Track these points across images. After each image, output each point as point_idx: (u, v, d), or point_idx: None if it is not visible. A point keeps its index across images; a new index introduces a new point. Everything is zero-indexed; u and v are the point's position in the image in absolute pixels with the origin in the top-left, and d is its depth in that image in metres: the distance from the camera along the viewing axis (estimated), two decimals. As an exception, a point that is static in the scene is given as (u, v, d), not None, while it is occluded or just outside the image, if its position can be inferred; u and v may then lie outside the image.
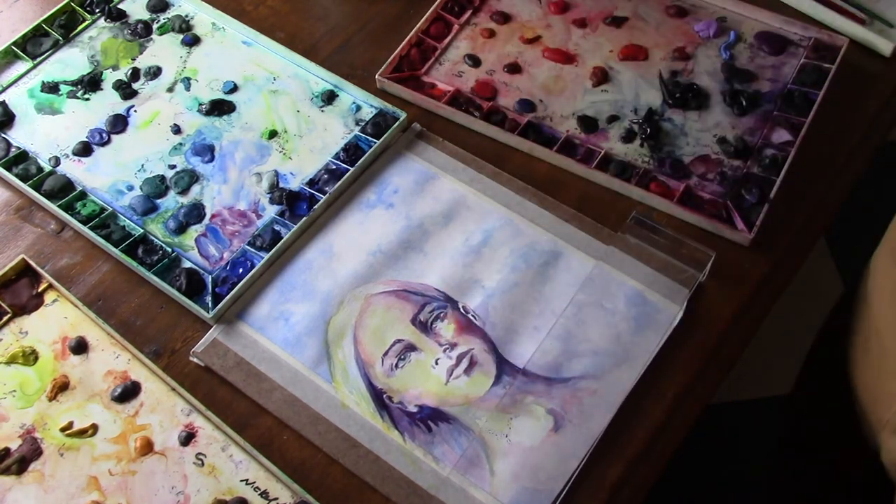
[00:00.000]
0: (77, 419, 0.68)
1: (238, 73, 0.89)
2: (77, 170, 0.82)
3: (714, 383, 0.71)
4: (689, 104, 0.85)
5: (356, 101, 0.86)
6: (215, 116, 0.86)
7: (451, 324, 0.72)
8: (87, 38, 0.92)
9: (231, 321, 0.73)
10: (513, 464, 0.66)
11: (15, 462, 0.66)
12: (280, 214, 0.79)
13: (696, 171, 0.81)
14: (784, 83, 0.86)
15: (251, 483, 0.65)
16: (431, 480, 0.65)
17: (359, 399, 0.69)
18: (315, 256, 0.77)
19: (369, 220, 0.79)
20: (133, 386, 0.70)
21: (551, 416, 0.68)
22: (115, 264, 0.77)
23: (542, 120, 0.85)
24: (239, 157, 0.83)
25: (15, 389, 0.70)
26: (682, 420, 0.69)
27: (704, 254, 0.73)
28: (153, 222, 0.79)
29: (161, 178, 0.82)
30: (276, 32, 0.92)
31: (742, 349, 0.73)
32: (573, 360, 0.70)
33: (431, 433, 0.67)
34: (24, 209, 0.80)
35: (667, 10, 0.93)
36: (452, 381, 0.70)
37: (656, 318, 0.72)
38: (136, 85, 0.88)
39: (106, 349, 0.72)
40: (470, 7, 0.93)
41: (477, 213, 0.79)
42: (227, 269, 0.76)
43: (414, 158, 0.82)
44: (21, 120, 0.86)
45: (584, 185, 0.81)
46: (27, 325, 0.73)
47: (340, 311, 0.73)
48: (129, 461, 0.66)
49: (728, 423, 1.34)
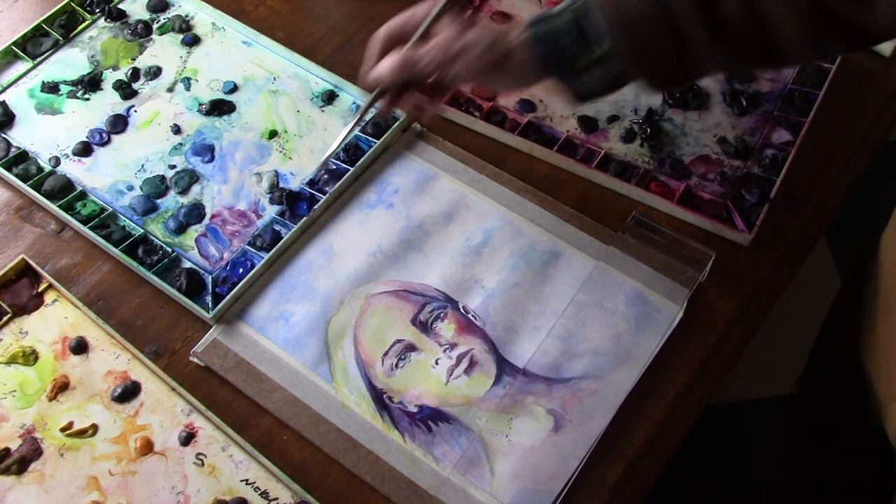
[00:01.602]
0: (77, 419, 0.68)
1: (238, 73, 0.89)
2: (77, 170, 0.82)
3: (714, 383, 0.71)
4: (690, 104, 0.85)
5: (356, 101, 0.86)
6: (215, 116, 0.86)
7: (451, 324, 0.72)
8: (87, 38, 0.92)
9: (231, 321, 0.73)
10: (513, 464, 0.66)
11: (15, 462, 0.66)
12: (280, 214, 0.79)
13: (697, 171, 0.81)
14: (784, 83, 0.86)
15: (251, 483, 0.65)
16: (431, 480, 0.65)
17: (359, 399, 0.69)
18: (315, 256, 0.77)
19: (369, 220, 0.79)
20: (133, 386, 0.70)
21: (551, 417, 0.68)
22: (115, 264, 0.77)
23: (543, 120, 0.85)
24: (239, 157, 0.83)
25: (15, 389, 0.70)
26: (682, 420, 0.69)
27: (704, 254, 0.73)
28: (153, 222, 0.79)
29: (161, 178, 0.82)
30: (276, 32, 0.92)
31: (742, 349, 0.73)
32: (573, 360, 0.70)
33: (431, 433, 0.67)
34: (24, 209, 0.80)
35: (667, 9, 0.93)
36: (452, 381, 0.70)
37: (656, 318, 0.72)
38: (136, 85, 0.88)
39: (106, 349, 0.72)
40: (470, 7, 0.93)
41: (477, 213, 0.79)
42: (227, 269, 0.76)
43: (414, 158, 0.82)
44: (21, 120, 0.86)
45: (584, 185, 0.81)
46: (27, 325, 0.73)
47: (340, 312, 0.73)
48: (129, 461, 0.66)
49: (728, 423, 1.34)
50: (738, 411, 1.39)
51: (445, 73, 0.64)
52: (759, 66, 0.78)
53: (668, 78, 0.62)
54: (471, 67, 0.63)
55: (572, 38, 0.61)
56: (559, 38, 0.61)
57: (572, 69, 0.62)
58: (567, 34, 0.61)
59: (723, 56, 0.59)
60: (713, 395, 0.71)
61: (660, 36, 0.58)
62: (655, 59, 0.60)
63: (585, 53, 0.61)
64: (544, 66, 0.63)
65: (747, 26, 0.57)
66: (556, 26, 0.61)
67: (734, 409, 1.38)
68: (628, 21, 0.58)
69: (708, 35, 0.57)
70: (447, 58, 0.63)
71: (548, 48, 0.62)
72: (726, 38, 0.57)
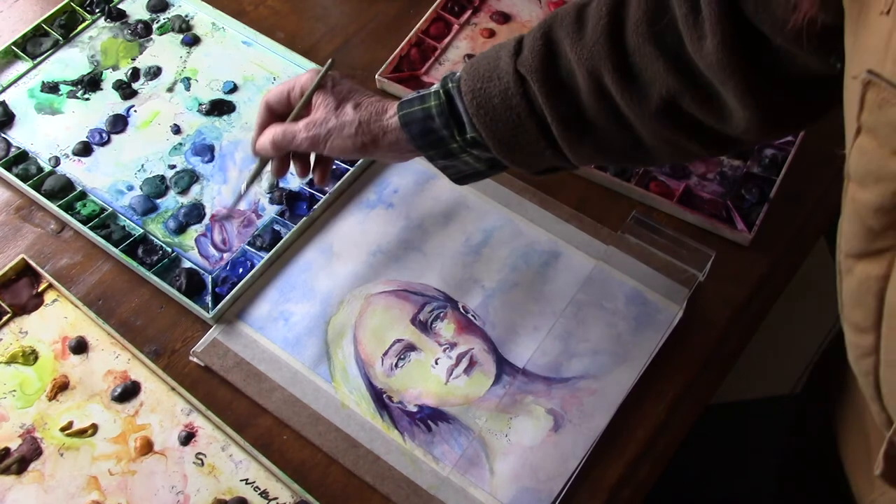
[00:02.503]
0: (77, 419, 0.68)
1: (238, 73, 0.89)
2: (77, 170, 0.82)
3: (714, 383, 0.71)
4: (689, 104, 0.85)
5: (356, 101, 0.86)
6: (215, 116, 0.86)
7: (450, 324, 0.72)
8: (87, 38, 0.92)
9: (231, 321, 0.73)
10: (512, 463, 0.66)
11: (15, 462, 0.66)
12: (280, 214, 0.79)
13: (696, 170, 0.81)
14: (784, 83, 0.86)
15: (251, 483, 0.65)
16: (431, 480, 0.65)
17: (359, 399, 0.69)
18: (315, 256, 0.77)
19: (369, 220, 0.79)
20: (133, 386, 0.70)
21: (551, 416, 0.68)
22: (115, 264, 0.77)
23: (542, 120, 0.84)
24: (239, 157, 0.83)
25: (15, 389, 0.70)
26: (682, 420, 0.69)
27: (704, 254, 0.73)
28: (153, 222, 0.79)
29: (161, 178, 0.82)
30: (276, 32, 0.92)
31: (742, 349, 0.73)
32: (573, 359, 0.70)
33: (431, 433, 0.67)
34: (24, 209, 0.80)
35: (667, 10, 0.93)
36: (452, 380, 0.70)
37: (656, 318, 0.72)
38: (136, 85, 0.88)
39: (106, 349, 0.72)
40: (470, 7, 0.93)
41: (477, 213, 0.79)
42: (227, 269, 0.76)
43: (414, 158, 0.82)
44: (21, 120, 0.86)
45: (584, 185, 0.81)
46: (27, 325, 0.73)
47: (340, 311, 0.73)
48: (129, 461, 0.66)
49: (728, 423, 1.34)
50: (738, 411, 1.38)
51: (319, 150, 0.67)
52: (633, 163, 0.77)
53: (544, 167, 0.64)
54: (341, 147, 0.66)
55: (443, 121, 0.62)
56: (428, 119, 0.63)
57: (447, 150, 0.64)
58: (438, 116, 0.62)
59: (586, 151, 0.60)
60: (713, 395, 0.71)
61: (521, 129, 0.60)
62: (522, 150, 0.61)
63: (456, 136, 0.63)
64: (419, 147, 0.65)
65: (605, 122, 0.58)
66: (426, 106, 0.63)
67: (734, 409, 1.38)
68: (489, 112, 0.60)
69: (566, 129, 0.58)
70: (318, 138, 0.66)
71: (420, 128, 0.63)
72: (588, 132, 0.59)
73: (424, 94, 0.64)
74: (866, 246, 0.47)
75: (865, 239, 0.47)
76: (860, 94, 0.44)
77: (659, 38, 0.54)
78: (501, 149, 0.61)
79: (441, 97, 0.63)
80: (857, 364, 0.52)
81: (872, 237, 0.46)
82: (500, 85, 0.59)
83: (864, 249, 0.47)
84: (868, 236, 0.47)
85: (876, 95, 0.43)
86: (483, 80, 0.60)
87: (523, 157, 0.62)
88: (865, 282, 0.48)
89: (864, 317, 0.49)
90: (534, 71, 0.57)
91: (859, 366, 0.51)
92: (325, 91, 0.67)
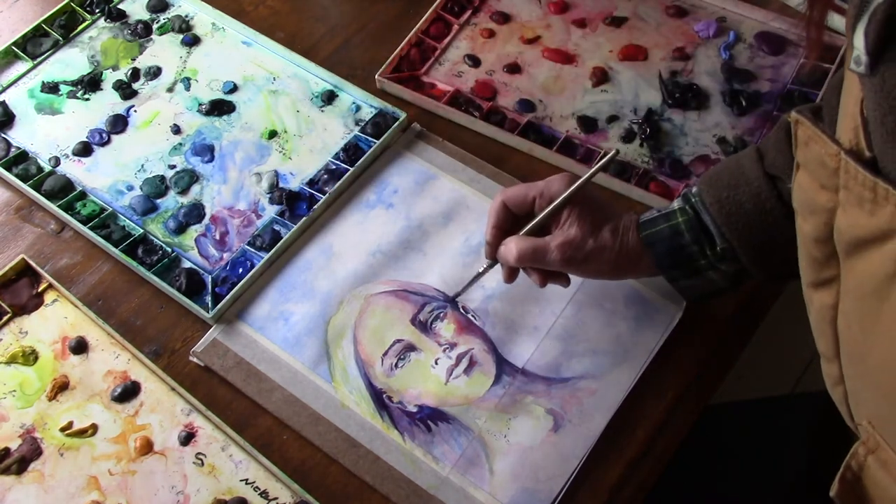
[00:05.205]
0: (77, 419, 0.68)
1: (238, 73, 0.89)
2: (77, 170, 0.82)
3: (714, 383, 0.71)
4: (689, 104, 0.85)
5: (356, 102, 0.86)
6: (215, 116, 0.86)
7: (450, 324, 0.72)
8: (87, 38, 0.92)
9: (231, 321, 0.73)
10: (512, 464, 0.66)
11: (15, 462, 0.66)
12: (280, 214, 0.79)
13: (696, 171, 0.81)
14: (784, 83, 0.86)
15: (251, 483, 0.65)
16: (431, 480, 0.65)
17: (358, 399, 0.69)
18: (315, 256, 0.77)
19: (369, 220, 0.79)
20: (133, 386, 0.70)
21: (551, 416, 0.68)
22: (115, 264, 0.77)
23: (542, 120, 0.85)
24: (239, 157, 0.83)
25: (15, 389, 0.70)
26: (682, 420, 0.69)
27: (704, 254, 0.73)
28: (153, 222, 0.79)
29: (161, 178, 0.82)
30: (276, 32, 0.92)
31: (742, 349, 0.73)
32: (573, 359, 0.70)
33: (431, 433, 0.67)
34: (24, 209, 0.81)
35: (666, 10, 0.93)
36: (452, 380, 0.70)
37: (656, 318, 0.72)
38: (136, 85, 0.88)
39: (106, 349, 0.72)
40: (470, 7, 0.93)
41: (477, 213, 0.79)
42: (227, 269, 0.76)
43: (414, 158, 0.82)
44: (21, 120, 0.86)
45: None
46: (27, 325, 0.73)
47: (340, 311, 0.73)
48: (128, 461, 0.66)
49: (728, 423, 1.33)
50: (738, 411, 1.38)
51: (570, 272, 0.65)
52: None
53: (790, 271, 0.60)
54: (597, 270, 0.65)
55: (693, 235, 0.62)
56: (676, 235, 0.62)
57: (695, 267, 0.64)
58: (688, 231, 0.62)
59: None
60: (713, 395, 0.71)
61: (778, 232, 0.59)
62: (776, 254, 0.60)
63: (706, 251, 0.62)
64: (662, 266, 0.64)
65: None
66: (673, 224, 0.62)
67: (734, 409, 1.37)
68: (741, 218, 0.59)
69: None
70: (574, 261, 0.63)
71: (667, 247, 0.63)
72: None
73: (667, 211, 0.63)
74: (816, 276, 0.48)
75: (814, 269, 0.48)
76: (793, 131, 0.46)
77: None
78: (755, 256, 0.61)
79: (688, 212, 0.62)
80: (833, 393, 0.53)
81: (819, 267, 0.47)
82: (751, 190, 0.59)
83: (816, 279, 0.49)
84: (815, 266, 0.48)
85: (803, 133, 0.45)
86: (729, 189, 0.60)
87: (776, 263, 0.61)
88: (821, 310, 0.49)
89: (825, 346, 0.50)
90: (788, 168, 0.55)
91: (834, 394, 0.52)
92: (578, 206, 0.64)
